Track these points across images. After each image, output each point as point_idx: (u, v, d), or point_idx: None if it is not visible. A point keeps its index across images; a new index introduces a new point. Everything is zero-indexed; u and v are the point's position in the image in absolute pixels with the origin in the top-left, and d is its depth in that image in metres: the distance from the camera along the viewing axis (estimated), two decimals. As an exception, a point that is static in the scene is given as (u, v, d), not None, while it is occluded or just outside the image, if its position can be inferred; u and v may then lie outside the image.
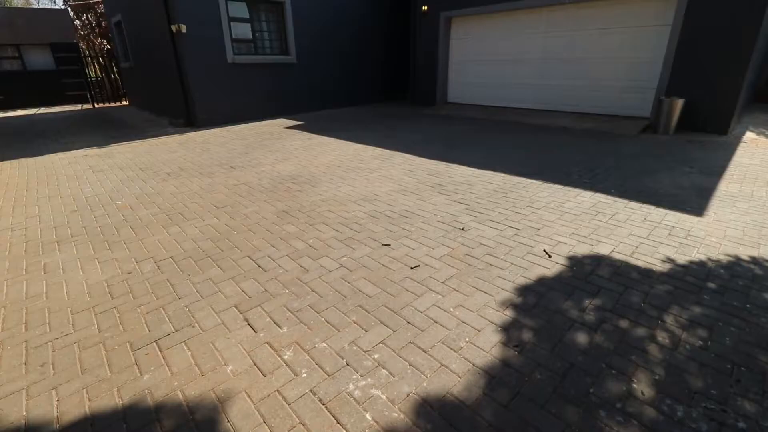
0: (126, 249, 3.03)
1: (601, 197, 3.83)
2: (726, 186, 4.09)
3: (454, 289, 2.35)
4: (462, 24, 9.75)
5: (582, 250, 2.81)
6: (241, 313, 2.19)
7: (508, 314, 2.12)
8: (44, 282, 2.62)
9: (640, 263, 2.62)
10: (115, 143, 7.18)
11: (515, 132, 7.17)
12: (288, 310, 2.21)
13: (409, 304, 2.23)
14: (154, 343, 1.99)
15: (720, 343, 1.89)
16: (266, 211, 3.69)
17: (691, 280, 2.42)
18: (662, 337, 1.94)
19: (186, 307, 2.27)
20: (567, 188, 4.11)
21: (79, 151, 6.62)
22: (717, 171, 4.58)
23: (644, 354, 1.83)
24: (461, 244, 2.93)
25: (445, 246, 2.91)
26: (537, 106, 8.86)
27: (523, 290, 2.33)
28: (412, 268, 2.61)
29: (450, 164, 5.15)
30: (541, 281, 2.42)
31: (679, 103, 6.37)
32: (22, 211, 3.89)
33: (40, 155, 6.37)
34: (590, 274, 2.49)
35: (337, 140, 6.85)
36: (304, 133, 7.66)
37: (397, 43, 12.08)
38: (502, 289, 2.35)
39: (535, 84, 8.80)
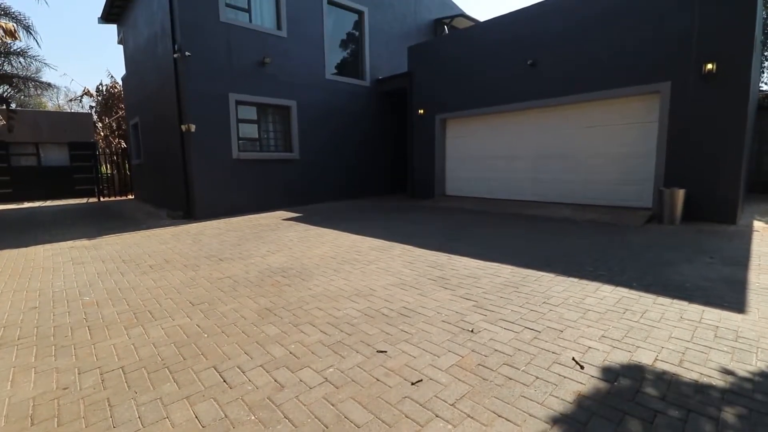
0: (73, 356, 2.55)
1: (624, 292, 3.42)
2: (757, 277, 3.71)
3: (468, 416, 1.83)
4: (456, 124, 10.34)
5: (618, 357, 2.32)
6: (187, 453, 1.66)
7: (544, 455, 1.58)
8: (-42, 401, 2.11)
9: (693, 376, 2.12)
10: (106, 235, 6.98)
11: (516, 223, 7.01)
12: (250, 447, 1.68)
13: (410, 437, 1.71)
14: (58, 503, 1.44)
15: None
16: (247, 309, 3.26)
17: (764, 400, 1.91)
18: (762, 493, 1.40)
19: (118, 441, 1.74)
20: (583, 282, 3.72)
21: (67, 242, 6.39)
22: (740, 261, 4.24)
23: None
24: (472, 351, 2.45)
25: (452, 353, 2.43)
26: (535, 198, 8.89)
27: (558, 418, 1.80)
28: (413, 383, 2.11)
29: (452, 256, 4.83)
30: (578, 403, 1.90)
31: (681, 194, 6.31)
32: (-25, 309, 3.47)
33: (26, 246, 6.12)
34: (637, 392, 1.98)
35: (335, 231, 6.65)
36: (302, 224, 7.52)
37: (396, 139, 12.75)
38: (530, 415, 1.82)
39: (531, 178, 8.94)
